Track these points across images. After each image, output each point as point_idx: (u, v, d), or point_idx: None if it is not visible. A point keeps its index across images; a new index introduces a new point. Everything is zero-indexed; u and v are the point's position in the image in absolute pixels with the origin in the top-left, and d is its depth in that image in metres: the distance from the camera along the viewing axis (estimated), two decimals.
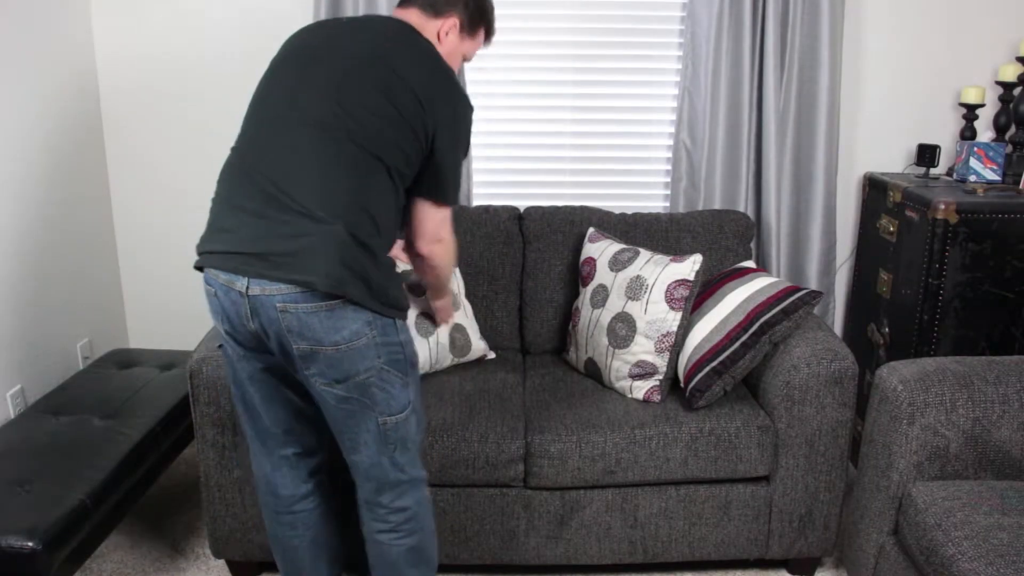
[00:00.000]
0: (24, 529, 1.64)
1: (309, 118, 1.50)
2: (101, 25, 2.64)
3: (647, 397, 2.10)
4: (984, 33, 2.68)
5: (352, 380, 1.52)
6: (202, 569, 2.20)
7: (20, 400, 2.28)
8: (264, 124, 1.55)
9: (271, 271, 1.45)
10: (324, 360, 1.50)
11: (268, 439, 1.70)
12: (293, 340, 1.48)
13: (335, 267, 1.44)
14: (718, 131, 2.63)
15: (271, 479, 1.73)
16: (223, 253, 1.50)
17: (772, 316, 2.02)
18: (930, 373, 1.74)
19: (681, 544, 2.08)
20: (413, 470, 1.67)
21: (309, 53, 1.58)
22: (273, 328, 1.48)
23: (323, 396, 1.55)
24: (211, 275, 1.54)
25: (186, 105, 2.71)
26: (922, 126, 2.76)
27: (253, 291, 1.47)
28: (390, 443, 1.61)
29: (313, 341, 1.48)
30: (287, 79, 1.57)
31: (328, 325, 1.47)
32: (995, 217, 2.25)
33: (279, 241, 1.45)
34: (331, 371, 1.51)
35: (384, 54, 1.55)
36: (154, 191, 2.78)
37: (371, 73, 1.52)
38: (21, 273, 2.30)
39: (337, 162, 1.48)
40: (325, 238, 1.44)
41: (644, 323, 2.11)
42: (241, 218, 1.50)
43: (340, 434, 1.62)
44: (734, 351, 2.02)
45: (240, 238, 1.49)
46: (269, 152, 1.51)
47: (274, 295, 1.45)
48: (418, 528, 1.69)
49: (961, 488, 1.63)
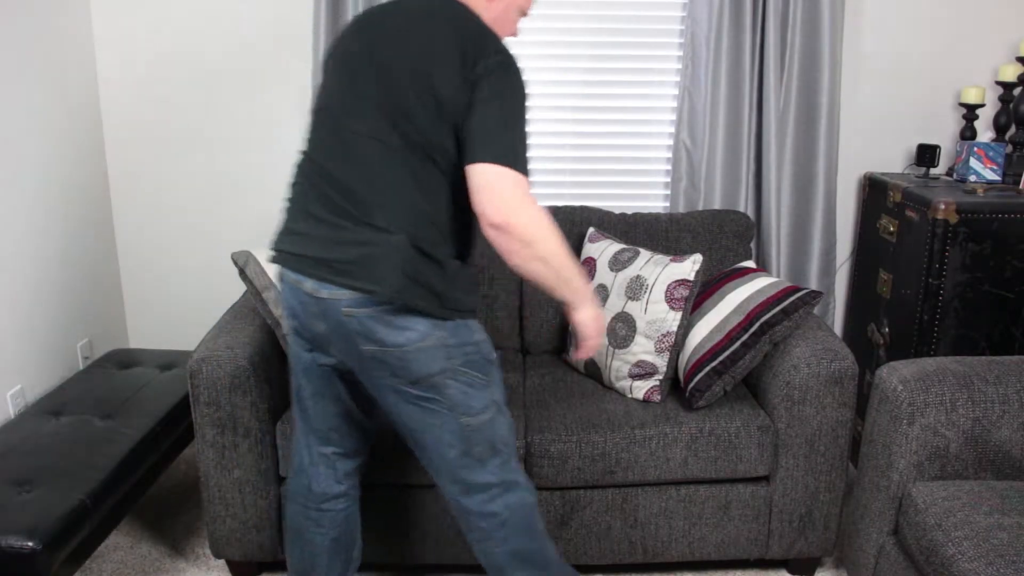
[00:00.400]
0: (24, 529, 1.64)
1: (361, 127, 1.48)
2: (102, 24, 2.64)
3: (647, 397, 2.10)
4: (984, 33, 2.68)
5: (427, 381, 1.50)
6: (202, 569, 2.20)
7: (20, 400, 2.28)
8: (323, 131, 1.54)
9: (335, 276, 1.45)
10: (394, 363, 1.49)
11: (311, 433, 1.70)
12: (361, 343, 1.48)
13: (397, 277, 1.43)
14: (718, 131, 2.63)
15: (308, 472, 1.73)
16: (293, 254, 1.52)
17: (772, 316, 2.02)
18: (930, 373, 1.74)
19: (681, 544, 2.08)
20: (504, 473, 1.61)
21: (352, 56, 1.54)
22: (340, 331, 1.49)
23: (399, 398, 1.53)
24: (282, 272, 1.56)
25: (187, 106, 2.71)
26: (922, 126, 2.76)
27: (320, 294, 1.48)
28: (476, 444, 1.57)
29: (379, 344, 1.47)
30: (335, 86, 1.55)
31: (391, 328, 1.46)
32: (995, 217, 2.25)
33: (343, 249, 1.46)
34: (403, 373, 1.50)
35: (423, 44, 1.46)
36: (154, 191, 2.78)
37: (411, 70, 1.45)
38: (21, 273, 2.30)
39: (395, 169, 1.46)
40: (387, 248, 1.44)
41: (644, 323, 2.11)
42: (309, 223, 1.51)
43: (421, 444, 1.58)
44: (734, 351, 2.02)
45: (308, 242, 1.50)
46: (330, 160, 1.51)
47: (340, 299, 1.46)
48: (514, 534, 1.64)
49: (961, 488, 1.63)
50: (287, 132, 2.74)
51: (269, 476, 2.02)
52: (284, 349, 2.07)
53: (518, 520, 1.64)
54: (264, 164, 2.77)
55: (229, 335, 2.03)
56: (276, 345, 2.11)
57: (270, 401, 1.99)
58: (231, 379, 1.93)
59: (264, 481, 2.01)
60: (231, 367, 1.93)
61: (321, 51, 2.54)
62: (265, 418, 1.97)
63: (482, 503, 1.61)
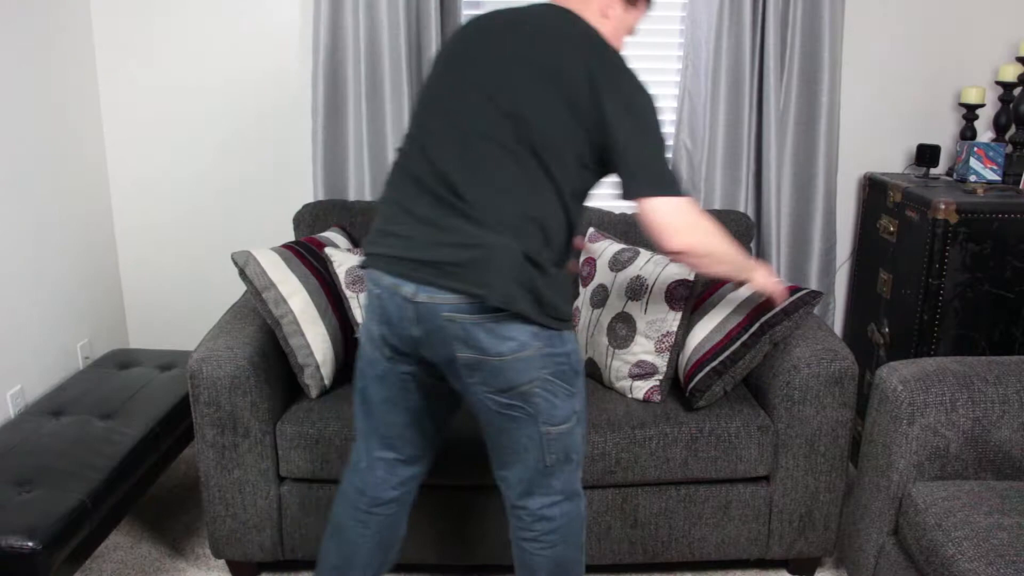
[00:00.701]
0: (24, 529, 1.64)
1: (477, 126, 1.46)
2: (102, 24, 2.64)
3: (647, 397, 2.10)
4: (984, 33, 2.68)
5: (516, 390, 1.49)
6: (202, 569, 2.20)
7: (20, 400, 2.28)
8: (432, 130, 1.51)
9: (440, 279, 1.42)
10: (488, 370, 1.47)
11: (373, 437, 1.68)
12: (458, 349, 1.45)
13: (506, 282, 1.41)
14: (718, 131, 2.62)
15: (364, 475, 1.71)
16: (391, 257, 1.48)
17: (772, 316, 2.02)
18: (930, 373, 1.74)
19: (681, 544, 2.08)
20: (569, 484, 1.62)
21: (469, 56, 1.52)
22: (438, 336, 1.46)
23: (484, 404, 1.52)
24: (375, 277, 1.51)
25: (187, 106, 2.71)
26: (922, 126, 2.76)
27: (420, 298, 1.44)
28: (551, 453, 1.57)
29: (478, 351, 1.45)
30: (449, 83, 1.53)
31: (494, 336, 1.44)
32: (995, 217, 2.25)
33: (450, 250, 1.43)
34: (495, 381, 1.48)
35: (544, 49, 1.47)
36: (154, 191, 2.79)
37: (533, 73, 1.46)
38: (21, 273, 2.30)
39: (508, 171, 1.44)
40: (497, 251, 1.42)
41: (644, 323, 2.11)
42: (411, 223, 1.47)
43: (497, 442, 1.58)
44: (734, 351, 2.02)
45: (410, 244, 1.46)
46: (442, 159, 1.47)
47: (442, 303, 1.43)
48: (561, 541, 1.65)
49: (961, 488, 1.63)
50: (287, 132, 2.74)
51: (269, 476, 2.02)
52: (284, 349, 2.07)
53: (569, 530, 1.65)
54: (264, 164, 2.77)
55: (229, 335, 2.03)
56: (276, 345, 2.11)
57: (270, 401, 1.99)
58: (231, 379, 1.93)
59: (264, 481, 2.01)
60: (231, 367, 1.93)
61: (321, 51, 2.54)
62: (265, 418, 1.97)
63: (542, 507, 1.62)
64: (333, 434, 1.98)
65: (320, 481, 2.03)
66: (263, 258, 2.09)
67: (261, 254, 2.10)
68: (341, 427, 1.98)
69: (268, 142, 2.75)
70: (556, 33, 1.49)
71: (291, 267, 2.11)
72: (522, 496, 1.62)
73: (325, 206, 2.51)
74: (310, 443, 1.98)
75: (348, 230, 2.48)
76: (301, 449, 1.99)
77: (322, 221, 2.49)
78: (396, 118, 2.58)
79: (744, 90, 2.59)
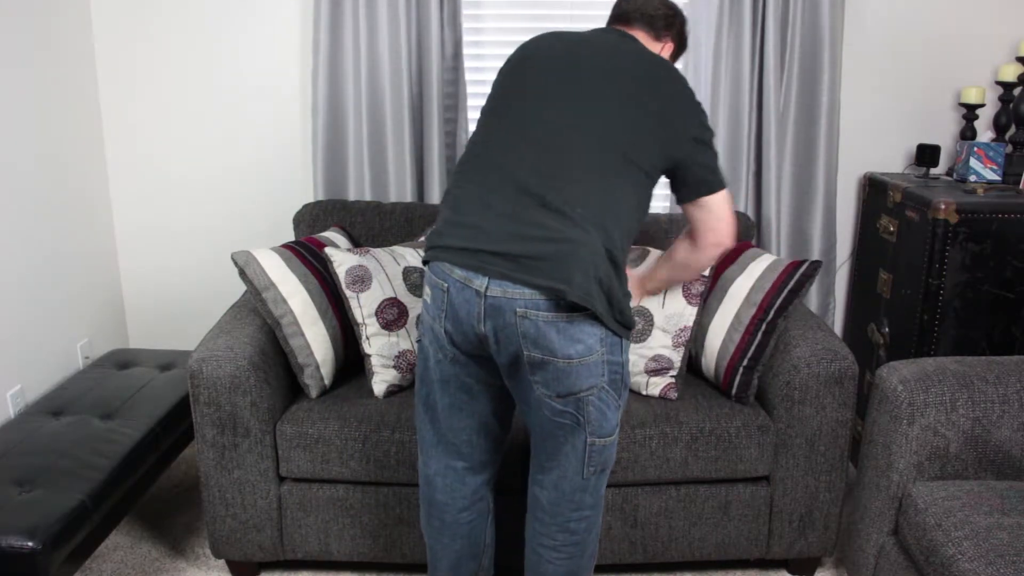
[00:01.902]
0: (24, 529, 1.64)
1: (564, 122, 1.48)
2: (101, 22, 2.64)
3: (663, 394, 2.10)
4: (984, 33, 2.68)
5: (573, 396, 1.48)
6: (202, 569, 2.20)
7: (20, 400, 2.28)
8: (515, 124, 1.51)
9: (517, 273, 1.39)
10: (553, 372, 1.45)
11: (440, 444, 1.65)
12: (526, 347, 1.43)
13: (587, 279, 1.39)
14: (718, 131, 2.62)
15: (432, 482, 1.69)
16: (463, 249, 1.44)
17: (784, 299, 2.07)
18: (930, 373, 1.74)
19: (681, 544, 2.08)
20: (597, 497, 1.62)
21: (555, 61, 1.55)
22: (506, 332, 1.43)
23: (540, 403, 1.50)
24: (444, 270, 1.47)
25: (187, 105, 2.71)
26: (922, 126, 2.76)
27: (493, 292, 1.41)
28: (591, 465, 1.56)
29: (547, 351, 1.43)
30: (536, 82, 1.54)
31: (565, 337, 1.42)
32: (995, 217, 2.25)
33: (531, 243, 1.40)
34: (556, 384, 1.46)
35: (630, 65, 1.54)
36: (154, 191, 2.79)
37: (623, 83, 1.51)
38: (21, 273, 2.30)
39: (595, 168, 1.45)
40: (581, 246, 1.40)
41: (662, 317, 2.12)
42: (487, 215, 1.44)
43: (542, 443, 1.57)
44: (759, 343, 2.06)
45: (486, 235, 1.42)
46: (524, 154, 1.47)
47: (515, 299, 1.40)
48: (579, 554, 1.65)
49: (961, 488, 1.63)
50: (287, 132, 2.74)
51: (269, 476, 2.02)
52: (284, 349, 2.07)
53: (588, 542, 1.65)
54: (264, 164, 2.77)
55: (229, 335, 2.03)
56: (276, 345, 2.11)
57: (270, 401, 1.99)
58: (231, 379, 1.93)
59: (264, 481, 2.01)
60: (231, 367, 1.93)
61: (321, 51, 2.54)
62: (265, 418, 1.97)
63: (567, 519, 1.61)
64: (333, 434, 1.98)
65: (320, 481, 2.03)
66: (263, 258, 2.09)
67: (261, 254, 2.10)
68: (341, 427, 1.98)
69: (268, 142, 2.75)
70: (637, 54, 1.57)
71: (291, 267, 2.11)
72: (553, 504, 1.60)
73: (325, 206, 2.51)
74: (310, 443, 1.98)
75: (348, 230, 2.48)
76: (301, 449, 1.99)
77: (322, 221, 2.49)
78: (396, 118, 2.58)
79: (744, 90, 2.59)
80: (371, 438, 1.97)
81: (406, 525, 2.05)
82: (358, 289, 2.13)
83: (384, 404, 2.06)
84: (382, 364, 2.11)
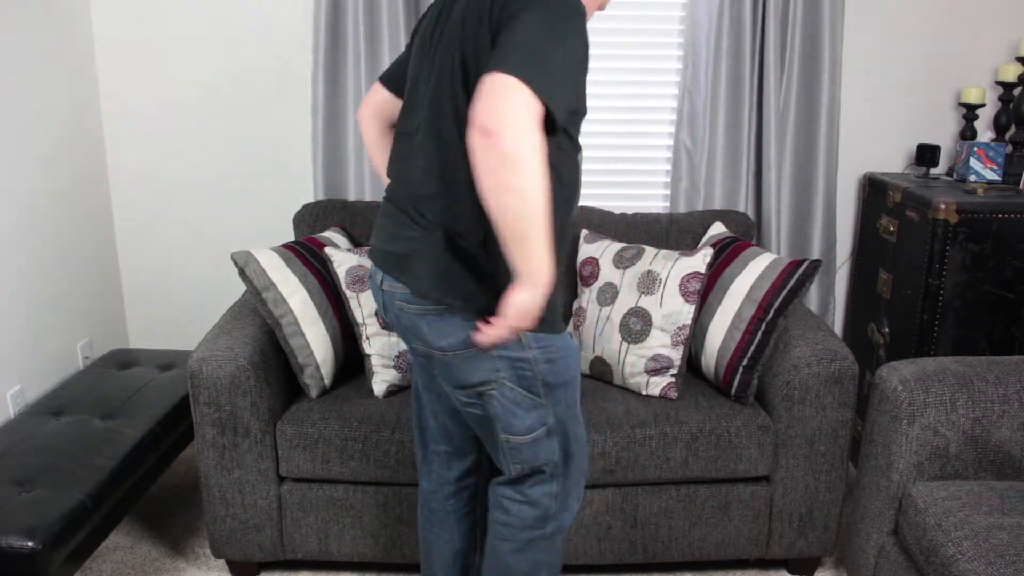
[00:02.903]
0: (24, 529, 1.64)
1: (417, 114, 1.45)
2: (102, 23, 2.64)
3: (663, 394, 2.10)
4: (984, 33, 2.68)
5: (471, 389, 1.46)
6: (202, 569, 2.20)
7: (20, 400, 2.28)
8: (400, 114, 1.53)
9: (391, 270, 1.46)
10: (439, 364, 1.46)
11: (425, 430, 1.69)
12: (410, 340, 1.48)
13: (429, 275, 1.39)
14: (718, 131, 2.63)
15: (421, 469, 1.73)
16: (372, 247, 1.54)
17: (783, 299, 2.07)
18: (930, 373, 1.74)
19: (681, 544, 2.08)
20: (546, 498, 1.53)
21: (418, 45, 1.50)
22: (398, 324, 1.49)
23: (451, 394, 1.52)
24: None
25: (187, 105, 2.71)
26: (922, 126, 2.76)
27: (385, 286, 1.48)
28: (515, 463, 1.51)
29: (424, 343, 1.45)
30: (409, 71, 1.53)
31: (435, 329, 1.42)
32: (995, 217, 2.25)
33: (394, 242, 1.46)
34: (447, 375, 1.47)
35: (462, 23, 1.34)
36: (154, 191, 2.78)
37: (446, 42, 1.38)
38: (21, 273, 2.30)
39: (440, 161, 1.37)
40: (425, 243, 1.40)
41: (660, 316, 2.12)
42: (382, 218, 1.52)
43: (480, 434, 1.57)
44: (759, 342, 2.06)
45: (379, 235, 1.51)
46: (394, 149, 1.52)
47: (395, 292, 1.45)
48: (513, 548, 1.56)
49: (961, 488, 1.63)
50: (287, 132, 2.74)
51: (269, 476, 2.02)
52: (284, 349, 2.07)
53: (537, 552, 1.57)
54: (264, 164, 2.77)
55: (229, 335, 2.03)
56: (276, 345, 2.11)
57: (270, 401, 1.99)
58: (231, 379, 1.93)
59: (264, 481, 2.01)
60: (231, 367, 1.93)
61: (321, 51, 2.54)
62: (265, 418, 1.97)
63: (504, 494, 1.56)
64: (333, 434, 1.98)
65: (320, 481, 2.03)
66: (263, 258, 2.09)
67: (261, 254, 2.10)
68: (341, 427, 1.98)
69: (268, 142, 2.75)
70: None
71: (291, 267, 2.11)
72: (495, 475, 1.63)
73: (325, 206, 2.51)
74: (310, 443, 1.98)
75: (348, 230, 2.48)
76: (301, 449, 1.99)
77: (322, 221, 2.49)
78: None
79: (744, 90, 2.59)
80: (371, 438, 1.97)
81: (406, 525, 2.05)
82: (358, 289, 2.13)
83: (384, 404, 2.06)
84: (382, 364, 2.11)
